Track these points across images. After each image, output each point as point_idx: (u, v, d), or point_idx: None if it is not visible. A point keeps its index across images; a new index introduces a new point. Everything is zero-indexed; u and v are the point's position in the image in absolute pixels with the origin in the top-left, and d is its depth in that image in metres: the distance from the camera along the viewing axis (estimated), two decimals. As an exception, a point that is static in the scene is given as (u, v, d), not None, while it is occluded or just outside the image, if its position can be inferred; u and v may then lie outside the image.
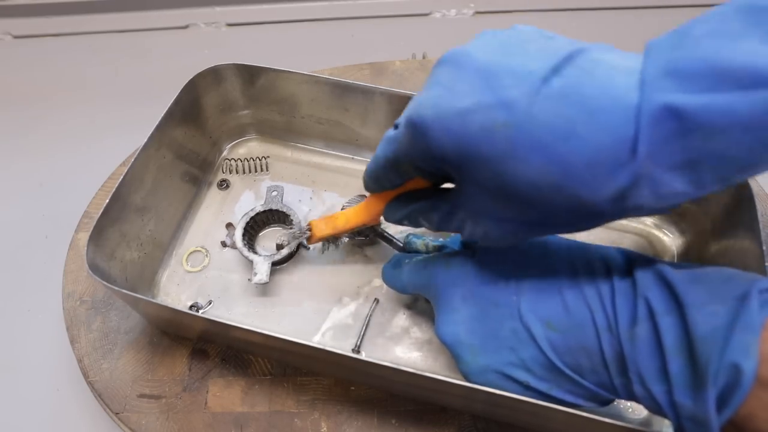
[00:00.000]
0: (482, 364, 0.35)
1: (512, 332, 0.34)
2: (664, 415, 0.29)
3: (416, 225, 0.39)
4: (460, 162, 0.29)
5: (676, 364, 0.28)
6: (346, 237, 0.48)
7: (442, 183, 0.37)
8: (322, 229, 0.44)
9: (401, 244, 0.47)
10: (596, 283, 0.32)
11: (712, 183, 0.26)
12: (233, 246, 0.50)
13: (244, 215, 0.49)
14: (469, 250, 0.39)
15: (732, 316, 0.26)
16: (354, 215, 0.43)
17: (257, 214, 0.50)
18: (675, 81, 0.24)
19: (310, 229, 0.45)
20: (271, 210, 0.50)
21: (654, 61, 0.26)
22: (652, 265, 0.31)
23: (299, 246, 0.50)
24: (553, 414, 0.33)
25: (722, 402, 0.26)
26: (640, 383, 0.30)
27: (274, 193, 0.51)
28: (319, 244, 0.49)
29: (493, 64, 0.28)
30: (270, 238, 0.52)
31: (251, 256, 0.47)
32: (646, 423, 0.41)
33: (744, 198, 0.41)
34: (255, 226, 0.51)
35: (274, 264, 0.48)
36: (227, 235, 0.51)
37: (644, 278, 0.31)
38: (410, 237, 0.45)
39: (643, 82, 0.25)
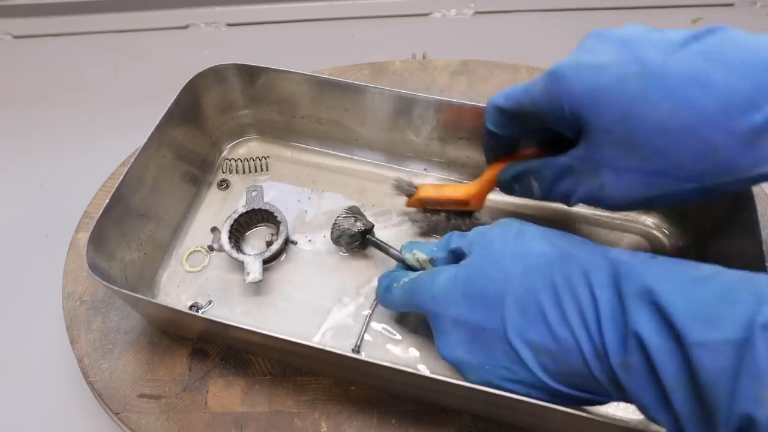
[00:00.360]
0: (485, 379, 0.35)
1: (504, 354, 0.34)
2: None
3: (525, 189, 0.40)
4: (591, 108, 0.31)
5: (679, 398, 0.26)
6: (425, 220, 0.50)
7: (553, 149, 0.39)
8: (427, 190, 0.46)
9: (397, 251, 0.45)
10: (579, 305, 0.31)
11: None
12: (221, 249, 0.50)
13: (228, 218, 0.50)
14: (452, 266, 0.38)
15: (737, 359, 0.24)
16: (464, 187, 0.46)
17: (240, 215, 0.50)
18: None
19: (416, 188, 0.47)
20: (254, 210, 0.50)
21: None
22: (641, 283, 0.29)
23: (287, 242, 0.50)
24: (553, 414, 0.33)
25: None
26: (642, 409, 0.29)
27: (254, 193, 0.51)
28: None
29: (634, 35, 0.32)
30: (257, 237, 0.52)
31: (241, 256, 0.47)
32: (646, 423, 0.41)
33: (744, 198, 0.41)
34: (239, 228, 0.51)
35: (265, 262, 0.48)
36: (213, 240, 0.51)
37: (633, 304, 0.28)
38: (404, 252, 0.44)
39: None
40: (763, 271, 0.37)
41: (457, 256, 0.40)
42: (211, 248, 0.51)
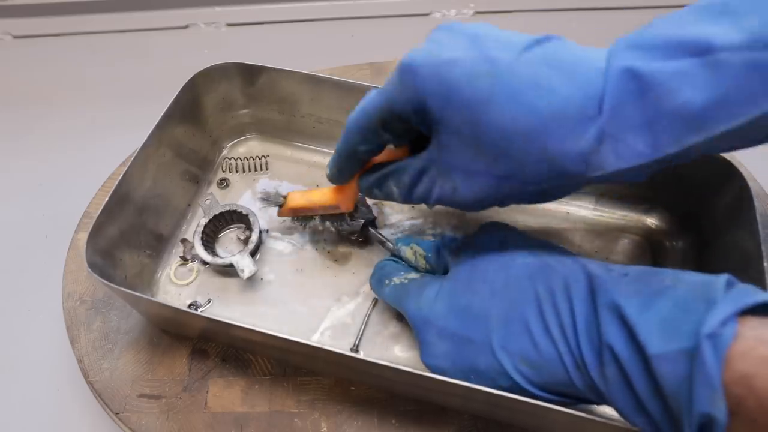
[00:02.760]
0: None
1: (489, 366, 0.34)
2: None
3: (387, 193, 0.40)
4: (442, 105, 0.31)
5: (652, 405, 0.28)
6: (319, 221, 0.49)
7: (413, 148, 0.38)
8: (296, 199, 0.46)
9: (392, 245, 0.46)
10: (560, 318, 0.32)
11: (668, 144, 0.28)
12: (202, 262, 0.49)
13: (195, 233, 0.50)
14: (438, 279, 0.39)
15: (690, 367, 0.25)
16: (330, 192, 0.44)
17: (205, 226, 0.50)
18: (636, 52, 0.28)
19: (284, 197, 0.46)
20: (215, 216, 0.51)
21: (619, 43, 0.30)
22: (611, 298, 0.30)
23: (260, 233, 0.50)
24: (553, 414, 0.33)
25: None
26: (620, 413, 0.30)
27: (207, 202, 0.52)
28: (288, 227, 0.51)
29: (481, 32, 0.32)
30: (229, 239, 0.52)
31: (228, 259, 0.47)
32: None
33: (744, 198, 0.41)
34: (209, 238, 0.51)
35: (251, 255, 0.48)
36: (185, 251, 0.51)
37: (605, 318, 0.30)
38: (399, 244, 0.45)
39: (609, 54, 0.30)
40: (762, 271, 0.37)
41: (445, 264, 0.41)
42: (183, 258, 0.50)
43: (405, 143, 0.39)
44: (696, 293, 0.28)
